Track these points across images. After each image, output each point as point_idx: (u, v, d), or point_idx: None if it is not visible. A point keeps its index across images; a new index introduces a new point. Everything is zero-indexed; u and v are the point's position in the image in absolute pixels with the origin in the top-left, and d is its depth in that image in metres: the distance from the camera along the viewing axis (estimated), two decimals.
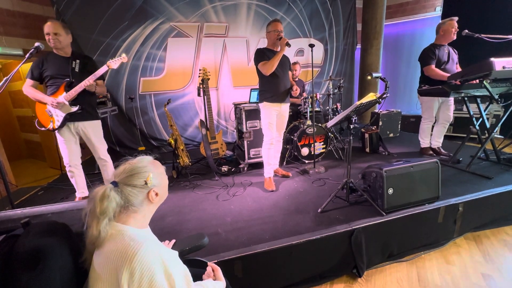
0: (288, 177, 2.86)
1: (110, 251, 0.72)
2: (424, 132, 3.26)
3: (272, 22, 2.50)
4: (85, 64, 2.24)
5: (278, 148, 2.83)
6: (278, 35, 2.44)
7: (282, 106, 2.60)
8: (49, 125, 2.17)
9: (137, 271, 0.68)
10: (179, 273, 0.78)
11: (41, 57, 2.14)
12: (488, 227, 2.16)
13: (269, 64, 2.38)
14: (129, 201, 0.82)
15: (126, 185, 0.82)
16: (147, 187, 0.84)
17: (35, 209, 1.08)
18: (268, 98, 2.52)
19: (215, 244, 1.70)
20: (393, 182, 1.90)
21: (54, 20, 2.13)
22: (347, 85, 5.64)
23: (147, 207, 0.87)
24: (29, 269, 0.65)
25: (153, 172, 0.87)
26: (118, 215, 0.81)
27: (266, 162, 2.67)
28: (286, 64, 2.60)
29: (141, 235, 0.79)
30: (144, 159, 0.90)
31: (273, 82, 2.51)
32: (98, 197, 0.78)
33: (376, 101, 1.98)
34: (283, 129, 2.78)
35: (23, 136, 4.68)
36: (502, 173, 2.60)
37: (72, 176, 2.32)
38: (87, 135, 2.28)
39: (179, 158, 2.92)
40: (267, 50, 2.55)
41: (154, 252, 0.72)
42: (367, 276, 1.75)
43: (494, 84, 2.49)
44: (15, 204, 2.36)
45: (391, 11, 5.81)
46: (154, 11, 4.08)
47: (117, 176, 0.84)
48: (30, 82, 2.14)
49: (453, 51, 3.02)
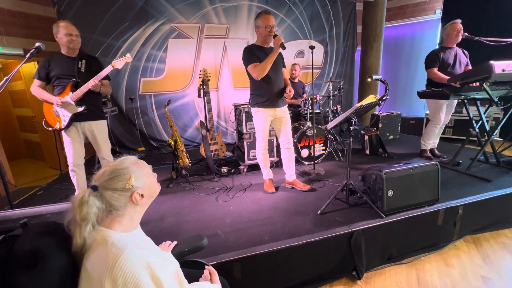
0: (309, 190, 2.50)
1: (95, 258, 0.71)
2: (428, 135, 3.24)
3: (261, 14, 2.16)
4: (91, 64, 2.26)
5: (290, 157, 2.52)
6: (269, 31, 2.13)
7: (277, 110, 2.37)
8: (56, 125, 2.19)
9: (119, 279, 0.65)
10: (168, 275, 0.76)
11: (47, 58, 2.16)
12: (488, 230, 2.16)
13: (260, 68, 2.13)
14: (111, 205, 0.78)
15: (106, 189, 0.78)
16: (129, 190, 0.80)
17: (34, 209, 1.08)
18: (260, 103, 2.30)
19: (214, 245, 1.69)
20: (393, 184, 1.90)
21: (69, 21, 2.15)
22: (347, 87, 5.64)
23: (133, 209, 0.82)
24: (28, 270, 0.65)
25: (135, 173, 0.82)
26: (103, 219, 0.77)
27: (262, 166, 2.57)
28: (279, 63, 2.33)
29: (124, 240, 0.75)
30: (126, 160, 0.85)
31: (265, 85, 2.26)
32: (77, 203, 0.74)
33: (376, 103, 1.98)
34: (288, 134, 2.46)
35: (23, 136, 4.67)
36: (502, 175, 2.60)
37: (74, 175, 2.33)
38: (93, 135, 2.30)
39: (179, 159, 2.92)
40: (256, 48, 2.25)
41: (136, 257, 0.70)
42: (367, 279, 1.74)
43: (494, 86, 2.50)
44: (14, 204, 2.35)
45: (391, 13, 5.83)
46: (155, 12, 4.09)
47: (97, 179, 0.80)
48: (38, 82, 2.17)
49: (462, 54, 3.00)
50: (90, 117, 2.25)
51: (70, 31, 2.09)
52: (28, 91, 3.82)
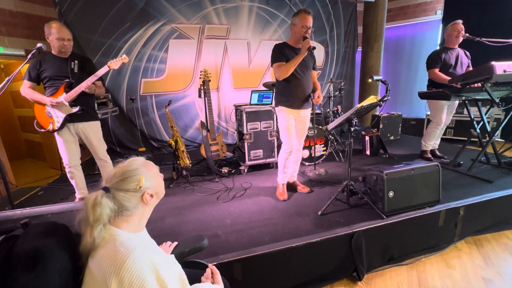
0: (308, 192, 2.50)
1: (101, 256, 0.71)
2: (428, 136, 3.23)
3: (300, 13, 2.04)
4: (84, 65, 2.24)
5: (297, 159, 2.50)
6: (305, 32, 2.04)
7: (301, 112, 2.28)
8: (49, 126, 2.16)
9: (126, 280, 0.66)
10: (173, 278, 0.77)
11: (37, 58, 2.10)
12: (489, 231, 2.15)
13: (284, 69, 2.04)
14: (123, 206, 0.79)
15: (118, 190, 0.79)
16: (140, 190, 0.82)
17: (34, 209, 1.08)
18: (284, 102, 2.21)
19: (215, 246, 1.69)
20: (394, 185, 1.90)
21: (62, 24, 2.12)
22: (347, 87, 5.64)
23: (143, 209, 0.84)
24: (28, 270, 0.65)
25: (145, 173, 0.84)
26: (113, 219, 0.79)
27: (280, 170, 2.41)
28: (308, 65, 2.20)
29: (133, 240, 0.76)
30: (135, 161, 0.86)
31: (291, 86, 2.16)
32: (90, 204, 0.75)
33: (377, 104, 1.98)
34: (303, 137, 2.43)
35: (24, 136, 4.68)
36: (503, 176, 2.59)
37: (72, 177, 2.32)
38: (87, 136, 2.29)
39: (179, 159, 2.92)
40: (286, 47, 2.16)
41: (144, 258, 0.70)
42: (367, 280, 1.74)
43: (495, 87, 2.49)
44: (15, 204, 2.35)
45: (392, 14, 5.82)
46: (156, 13, 4.09)
47: (108, 181, 0.81)
48: (28, 83, 2.13)
49: (464, 55, 3.00)
50: (84, 118, 2.23)
51: (62, 36, 2.05)
52: None
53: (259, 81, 4.92)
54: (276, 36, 4.87)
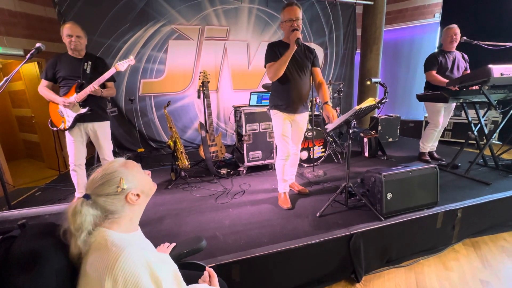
0: (306, 194, 2.48)
1: (94, 258, 0.70)
2: (426, 138, 3.24)
3: (285, 8, 1.93)
4: (97, 66, 2.28)
5: (294, 162, 2.40)
6: (292, 25, 1.87)
7: (297, 116, 2.15)
8: (61, 125, 2.22)
9: (120, 278, 0.65)
10: (167, 276, 0.76)
11: (55, 58, 2.18)
12: (487, 233, 2.16)
13: (274, 68, 1.89)
14: (107, 210, 0.77)
15: (98, 195, 0.77)
16: (122, 192, 0.79)
17: (32, 210, 1.07)
18: (279, 106, 2.07)
19: (213, 247, 1.69)
20: (392, 187, 1.90)
21: (73, 22, 2.16)
22: (346, 89, 5.66)
23: (131, 210, 0.82)
24: (25, 271, 0.65)
25: (125, 174, 0.81)
26: (102, 222, 0.77)
27: (280, 179, 2.28)
28: (302, 63, 2.02)
29: (125, 239, 0.75)
30: (113, 163, 0.84)
31: (285, 88, 2.02)
32: (70, 213, 0.74)
33: (376, 106, 1.98)
34: (299, 141, 2.33)
35: (22, 136, 4.66)
36: (500, 179, 2.61)
37: (75, 175, 2.34)
38: (96, 135, 2.32)
39: (178, 160, 2.91)
40: (281, 45, 2.01)
41: (137, 256, 0.70)
42: (365, 281, 1.74)
43: (492, 90, 2.51)
44: (12, 205, 2.35)
45: (390, 17, 5.86)
46: (155, 14, 4.10)
47: (89, 187, 0.79)
48: (45, 82, 2.20)
49: (462, 58, 3.02)
50: (94, 118, 2.28)
51: (71, 32, 2.11)
52: (28, 92, 3.83)
53: (258, 83, 4.93)
54: (276, 37, 4.89)
